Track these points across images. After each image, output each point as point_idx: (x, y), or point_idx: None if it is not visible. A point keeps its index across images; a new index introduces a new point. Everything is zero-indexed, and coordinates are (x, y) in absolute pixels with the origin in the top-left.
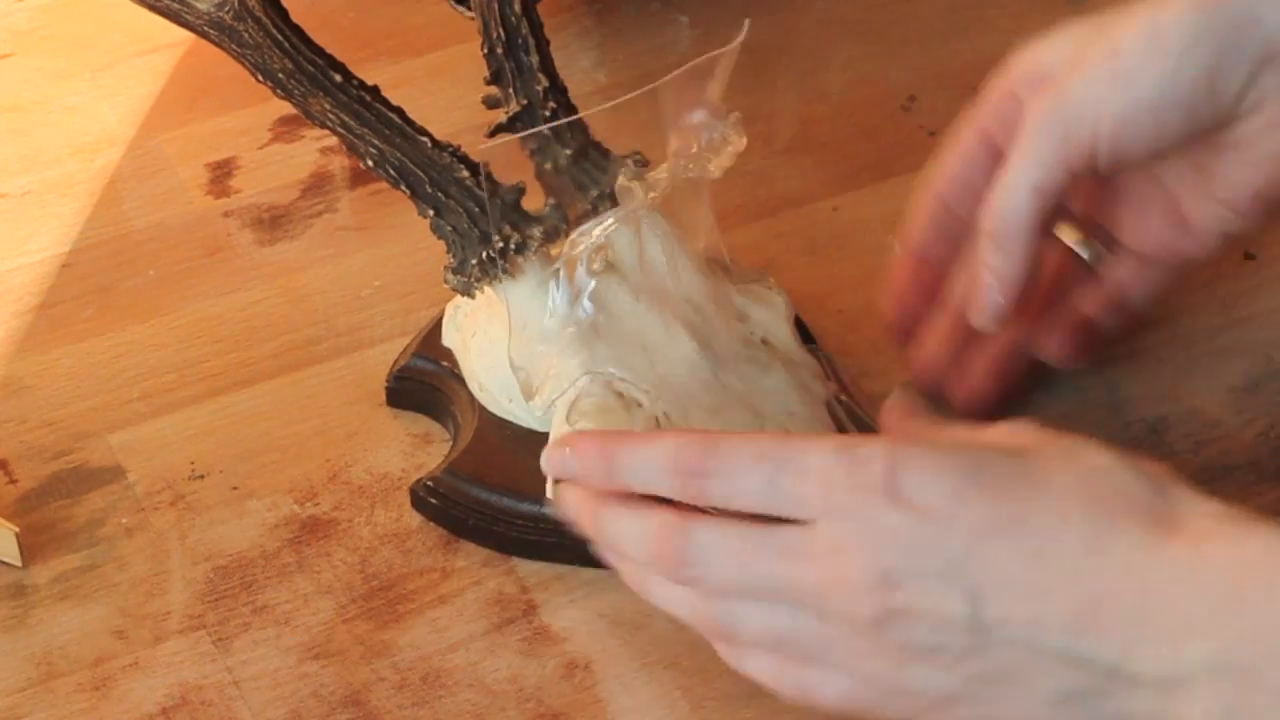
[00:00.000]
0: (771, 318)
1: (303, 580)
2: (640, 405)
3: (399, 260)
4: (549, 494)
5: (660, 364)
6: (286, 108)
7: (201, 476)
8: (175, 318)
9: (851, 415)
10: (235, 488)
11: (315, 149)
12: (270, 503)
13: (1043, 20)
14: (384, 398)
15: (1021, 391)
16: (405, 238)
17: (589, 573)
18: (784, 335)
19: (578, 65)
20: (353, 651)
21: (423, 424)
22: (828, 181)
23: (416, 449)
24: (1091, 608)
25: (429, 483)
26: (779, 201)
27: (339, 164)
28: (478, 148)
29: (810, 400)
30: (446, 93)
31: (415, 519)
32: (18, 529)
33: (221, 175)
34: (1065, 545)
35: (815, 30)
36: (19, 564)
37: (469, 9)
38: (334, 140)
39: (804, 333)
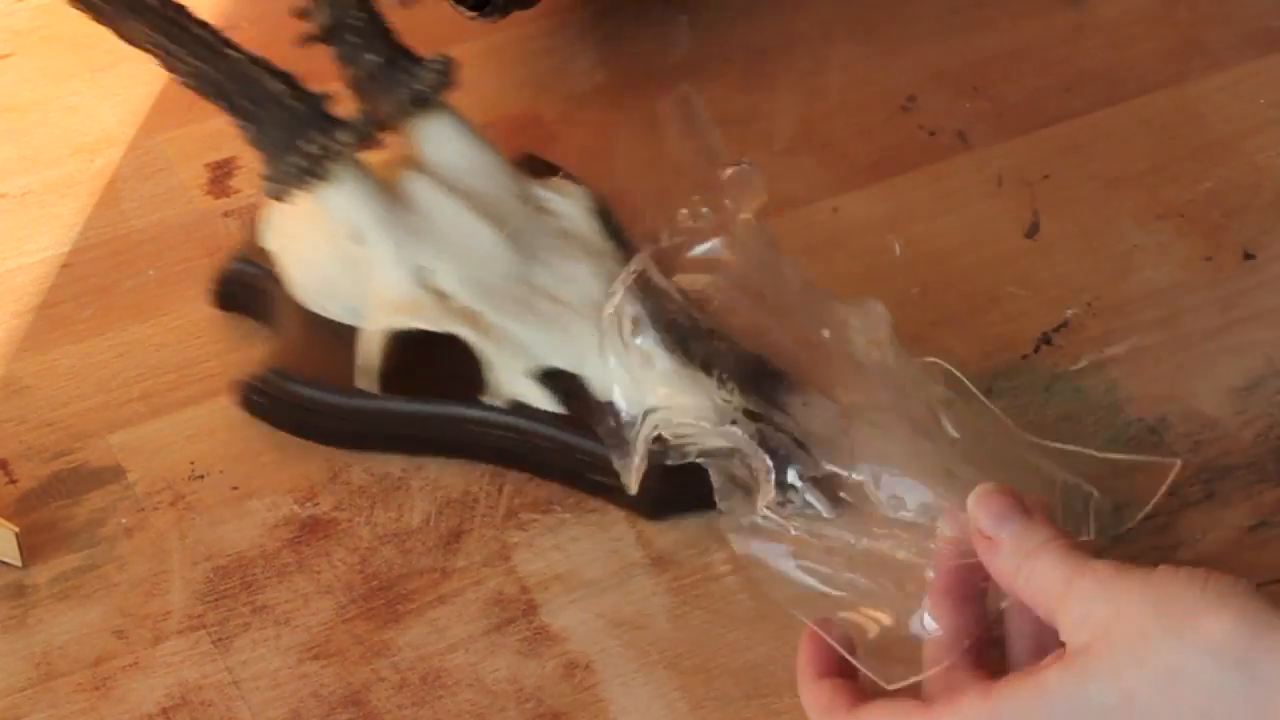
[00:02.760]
0: (574, 211)
1: (303, 580)
2: (451, 298)
3: None
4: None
5: (469, 258)
6: None
7: (201, 476)
8: (175, 318)
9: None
10: (235, 488)
11: None
12: (270, 503)
13: (1043, 20)
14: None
15: None
16: None
17: (589, 572)
18: (587, 227)
19: (578, 65)
20: (352, 651)
21: None
22: (828, 181)
23: None
24: None
25: (255, 383)
26: (779, 201)
27: None
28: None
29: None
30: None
31: (415, 519)
32: (18, 529)
33: (221, 175)
34: None
35: (815, 30)
36: (19, 564)
37: (469, 9)
38: None
39: (613, 228)
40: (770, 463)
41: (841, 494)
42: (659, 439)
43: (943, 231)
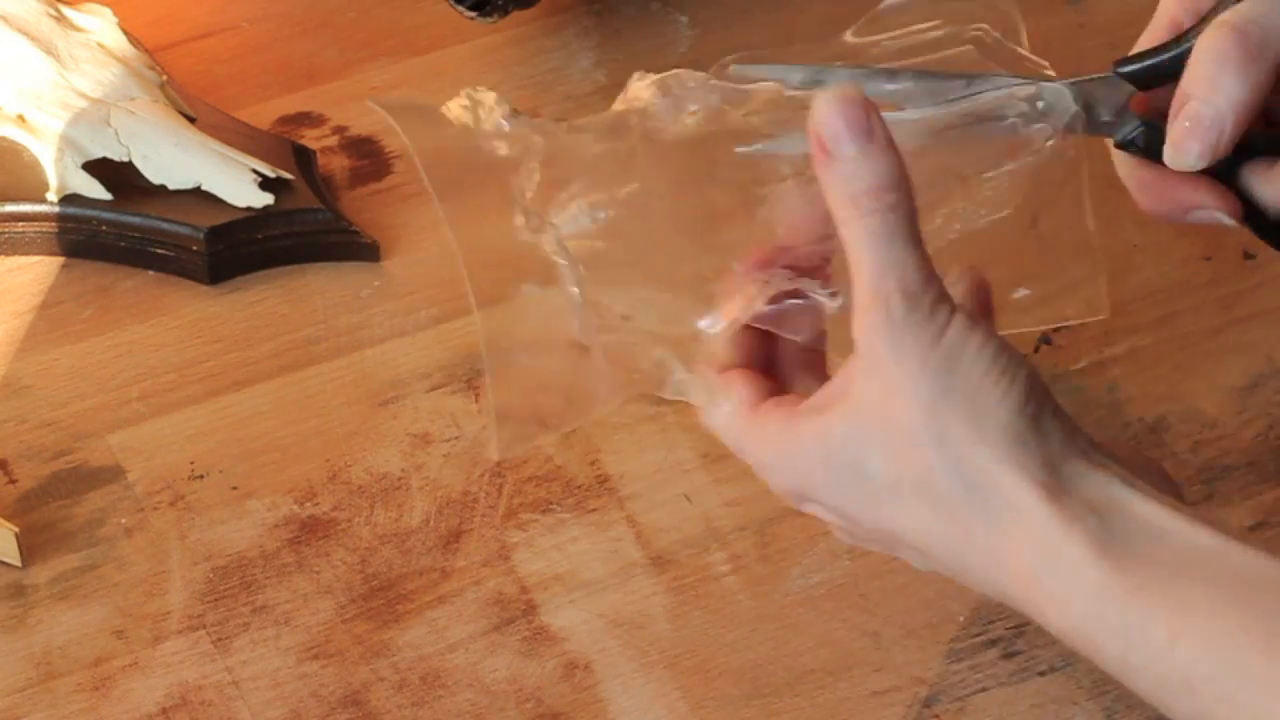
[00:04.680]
0: (104, 26)
1: (302, 580)
2: (2, 107)
3: (398, 260)
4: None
5: (18, 73)
6: (287, 107)
7: (201, 476)
8: (175, 318)
9: None
10: (235, 488)
11: (315, 148)
12: (270, 503)
13: (1043, 20)
14: (383, 398)
15: None
16: (404, 237)
17: (589, 572)
18: (116, 39)
19: (578, 65)
20: (352, 651)
21: (422, 424)
22: None
23: (416, 449)
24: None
25: None
26: None
27: (339, 164)
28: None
29: (147, 85)
30: (447, 92)
31: (415, 519)
32: (18, 529)
33: None
34: (940, 557)
35: (815, 30)
36: (19, 564)
37: (469, 9)
38: (335, 140)
39: (134, 39)
40: None
41: None
42: None
43: None
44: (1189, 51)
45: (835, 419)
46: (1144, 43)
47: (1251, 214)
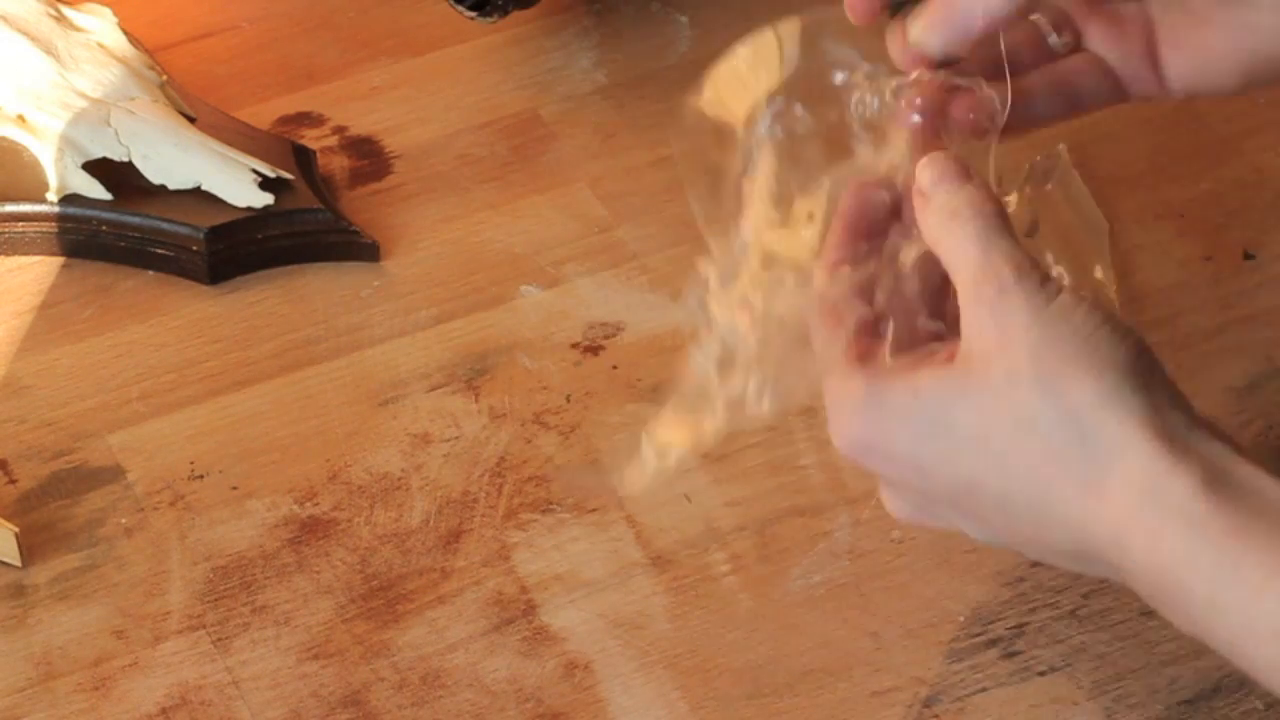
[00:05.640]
0: (104, 26)
1: (302, 580)
2: (2, 107)
3: (398, 260)
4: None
5: (18, 73)
6: (287, 107)
7: (201, 476)
8: (175, 318)
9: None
10: (235, 488)
11: (315, 148)
12: (270, 503)
13: None
14: (383, 398)
15: None
16: (404, 237)
17: (589, 572)
18: (116, 39)
19: (578, 65)
20: (352, 651)
21: (422, 424)
22: None
23: (416, 449)
24: (1070, 558)
25: None
26: None
27: (339, 164)
28: None
29: (147, 85)
30: (446, 93)
31: (415, 519)
32: (18, 529)
33: None
34: (1020, 508)
35: None
36: (19, 564)
37: (469, 9)
38: (334, 140)
39: (134, 39)
40: None
41: None
42: None
43: None
44: None
45: (925, 376)
46: None
47: None
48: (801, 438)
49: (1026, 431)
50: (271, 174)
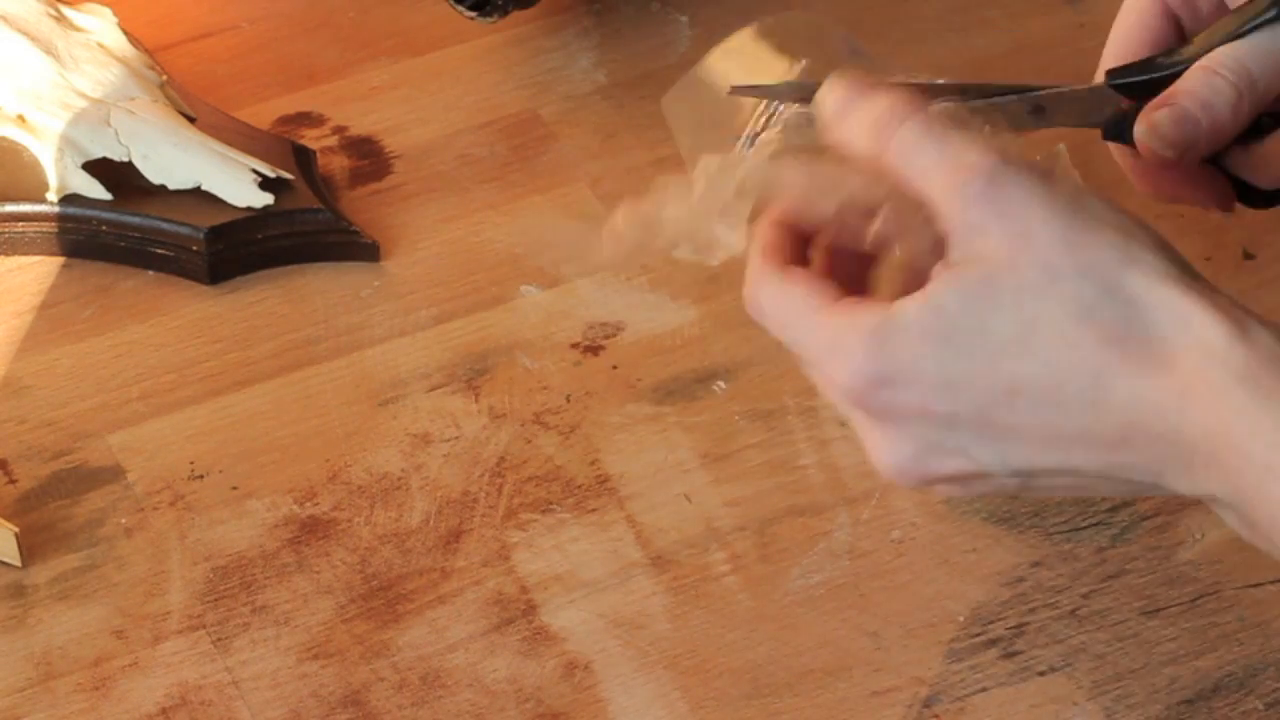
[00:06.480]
0: (104, 26)
1: (302, 580)
2: (1, 107)
3: (398, 260)
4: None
5: (18, 73)
6: (287, 107)
7: (201, 476)
8: (175, 318)
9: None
10: (235, 488)
11: (315, 148)
12: (270, 503)
13: (1043, 20)
14: (383, 398)
15: None
16: (404, 237)
17: (589, 573)
18: (116, 39)
19: (578, 65)
20: (352, 651)
21: (422, 424)
22: None
23: (416, 449)
24: (1114, 450)
25: None
26: None
27: (339, 164)
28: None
29: (147, 85)
30: (446, 93)
31: (415, 519)
32: (17, 529)
33: None
34: (1070, 398)
35: None
36: (19, 564)
37: (469, 9)
38: (335, 140)
39: (134, 39)
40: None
41: None
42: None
43: None
44: (1181, 73)
45: (942, 290)
46: (1118, 42)
47: (1241, 189)
48: (801, 438)
49: (1078, 321)
50: (271, 174)
